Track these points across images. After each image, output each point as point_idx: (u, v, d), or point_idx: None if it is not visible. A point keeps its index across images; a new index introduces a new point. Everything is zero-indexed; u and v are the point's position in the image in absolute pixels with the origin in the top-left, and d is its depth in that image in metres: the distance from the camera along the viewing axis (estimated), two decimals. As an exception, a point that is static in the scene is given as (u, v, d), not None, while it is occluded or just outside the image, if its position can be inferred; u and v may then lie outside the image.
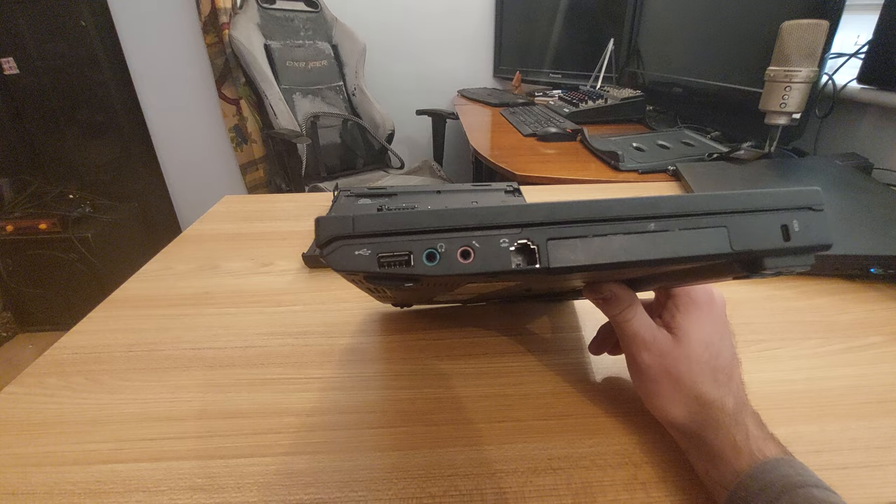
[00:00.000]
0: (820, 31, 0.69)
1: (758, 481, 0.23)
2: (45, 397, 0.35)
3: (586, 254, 0.18)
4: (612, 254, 0.18)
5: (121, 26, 1.87)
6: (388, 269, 0.17)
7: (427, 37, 2.04)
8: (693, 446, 0.27)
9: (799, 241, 0.19)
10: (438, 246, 0.17)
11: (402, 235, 0.17)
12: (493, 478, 0.28)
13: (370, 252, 0.17)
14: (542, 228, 0.18)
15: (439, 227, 0.17)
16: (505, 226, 0.18)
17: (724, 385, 0.27)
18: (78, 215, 1.65)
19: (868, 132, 0.85)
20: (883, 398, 0.33)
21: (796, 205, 0.20)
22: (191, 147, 2.09)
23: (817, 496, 0.22)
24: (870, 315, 0.42)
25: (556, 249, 0.18)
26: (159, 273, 0.53)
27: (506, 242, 0.17)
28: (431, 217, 0.17)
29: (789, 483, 0.22)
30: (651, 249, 0.19)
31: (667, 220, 0.19)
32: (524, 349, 0.39)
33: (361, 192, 0.69)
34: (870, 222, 0.54)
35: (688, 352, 0.28)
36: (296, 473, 0.29)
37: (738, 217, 0.19)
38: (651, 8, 1.26)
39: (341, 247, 0.17)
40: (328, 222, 0.17)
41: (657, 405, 0.29)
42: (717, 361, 0.28)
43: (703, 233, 0.19)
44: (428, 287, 0.24)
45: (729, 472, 0.24)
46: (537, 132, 1.13)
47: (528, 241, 0.18)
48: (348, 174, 1.78)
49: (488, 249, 0.17)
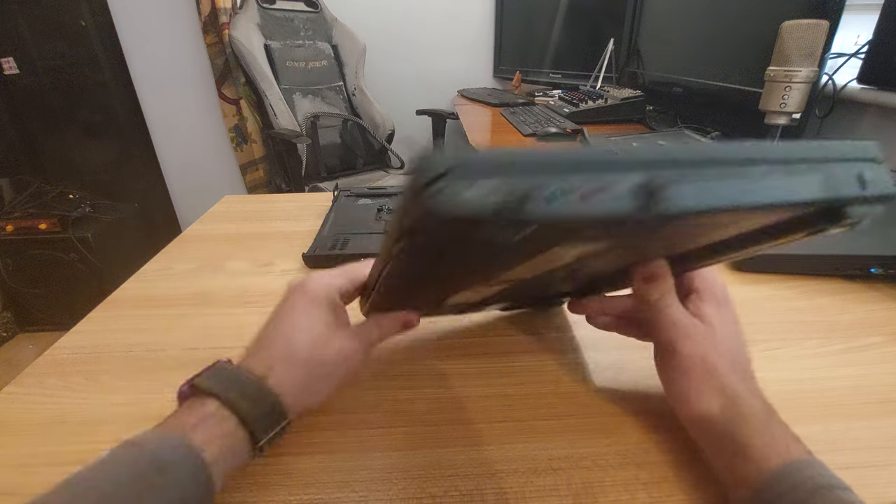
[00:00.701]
0: (820, 31, 0.69)
1: (787, 480, 0.23)
2: (45, 397, 0.35)
3: (704, 197, 0.17)
4: (729, 197, 0.18)
5: (121, 26, 1.87)
6: (502, 213, 0.14)
7: (427, 37, 2.04)
8: (718, 441, 0.26)
9: (871, 191, 0.20)
10: (559, 187, 0.15)
11: (521, 176, 0.15)
12: (493, 478, 0.28)
13: (486, 192, 0.14)
14: (662, 172, 0.17)
15: (558, 169, 0.15)
16: (624, 168, 0.16)
17: (748, 381, 0.27)
18: (78, 215, 1.65)
19: (868, 132, 0.85)
20: (884, 398, 0.33)
21: (865, 156, 0.21)
22: (191, 147, 2.09)
23: (846, 499, 0.22)
24: (870, 315, 0.42)
25: (677, 192, 0.17)
26: (159, 273, 0.53)
27: (626, 185, 0.16)
28: (553, 159, 0.15)
29: (818, 484, 0.22)
30: (762, 193, 0.18)
31: (773, 165, 0.19)
32: (524, 349, 0.39)
33: (361, 192, 0.69)
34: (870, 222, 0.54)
35: (719, 339, 0.28)
36: (296, 473, 0.29)
37: (829, 165, 0.20)
38: (651, 8, 1.26)
39: (452, 184, 0.13)
40: (439, 155, 0.14)
41: (689, 397, 0.28)
42: (739, 356, 0.28)
43: (804, 179, 0.19)
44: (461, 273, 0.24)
45: (756, 470, 0.24)
46: (537, 132, 1.13)
47: (650, 181, 0.16)
48: (348, 174, 1.78)
49: (610, 192, 0.15)
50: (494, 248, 0.18)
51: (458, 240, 0.16)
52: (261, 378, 0.26)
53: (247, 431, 0.25)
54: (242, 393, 0.25)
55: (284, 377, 0.27)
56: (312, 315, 0.29)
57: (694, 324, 0.28)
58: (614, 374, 0.36)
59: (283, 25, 1.71)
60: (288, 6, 1.73)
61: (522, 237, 0.16)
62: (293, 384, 0.27)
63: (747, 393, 0.26)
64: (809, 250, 0.49)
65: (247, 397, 0.25)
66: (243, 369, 0.26)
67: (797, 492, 0.22)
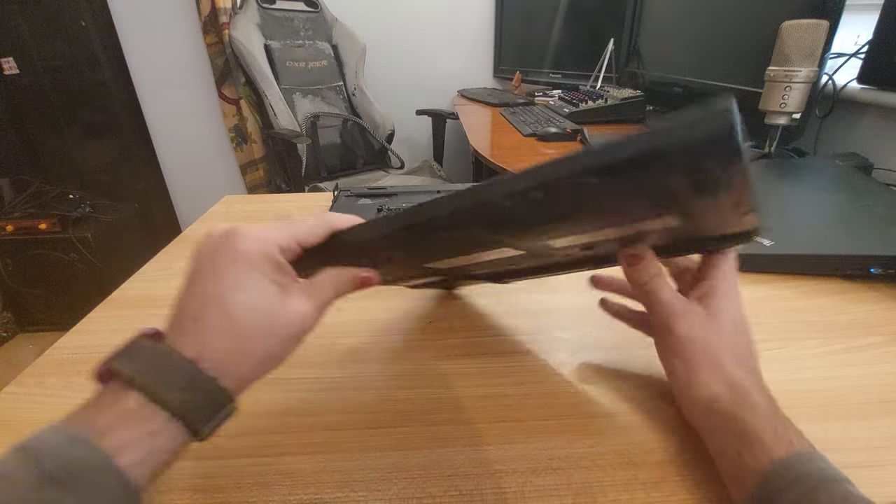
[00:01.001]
0: (820, 31, 0.69)
1: (794, 470, 0.23)
2: (45, 397, 0.35)
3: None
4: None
5: (121, 26, 1.87)
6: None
7: (427, 37, 2.04)
8: (726, 426, 0.26)
9: None
10: None
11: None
12: (493, 478, 0.28)
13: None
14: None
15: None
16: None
17: (753, 373, 0.27)
18: (78, 215, 1.65)
19: (868, 132, 0.85)
20: (883, 398, 0.33)
21: None
22: (191, 147, 2.09)
23: (852, 492, 0.22)
24: (870, 315, 0.42)
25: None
26: (159, 273, 0.53)
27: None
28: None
29: (825, 476, 0.22)
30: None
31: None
32: (524, 349, 0.39)
33: (361, 192, 0.69)
34: (870, 222, 0.54)
35: (722, 328, 0.28)
36: (296, 473, 0.29)
37: None
38: (651, 8, 1.26)
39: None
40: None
41: (693, 381, 0.28)
42: (744, 348, 0.28)
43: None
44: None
45: (765, 458, 0.24)
46: (537, 132, 1.13)
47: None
48: (348, 174, 1.78)
49: None
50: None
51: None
52: (193, 360, 0.22)
53: (182, 425, 0.21)
54: (170, 382, 0.21)
55: (224, 354, 0.22)
56: (253, 275, 0.23)
57: (689, 306, 0.29)
58: (614, 374, 0.36)
59: (283, 25, 1.71)
60: (288, 6, 1.73)
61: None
62: (236, 361, 0.23)
63: (754, 385, 0.27)
64: (809, 250, 0.49)
65: (177, 386, 0.21)
66: (170, 348, 0.22)
67: (803, 482, 0.22)
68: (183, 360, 0.21)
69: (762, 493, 0.23)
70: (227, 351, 0.22)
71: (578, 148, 0.19)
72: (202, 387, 0.21)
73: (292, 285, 0.25)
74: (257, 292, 0.23)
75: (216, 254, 0.24)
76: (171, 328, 0.23)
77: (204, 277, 0.23)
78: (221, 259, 0.23)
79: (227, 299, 0.23)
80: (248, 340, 0.23)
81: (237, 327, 0.23)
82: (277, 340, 0.24)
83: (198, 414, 0.21)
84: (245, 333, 0.23)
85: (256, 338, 0.23)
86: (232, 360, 0.22)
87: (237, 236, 0.24)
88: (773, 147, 0.78)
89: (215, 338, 0.22)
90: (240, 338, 0.23)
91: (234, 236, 0.24)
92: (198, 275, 0.24)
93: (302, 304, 0.25)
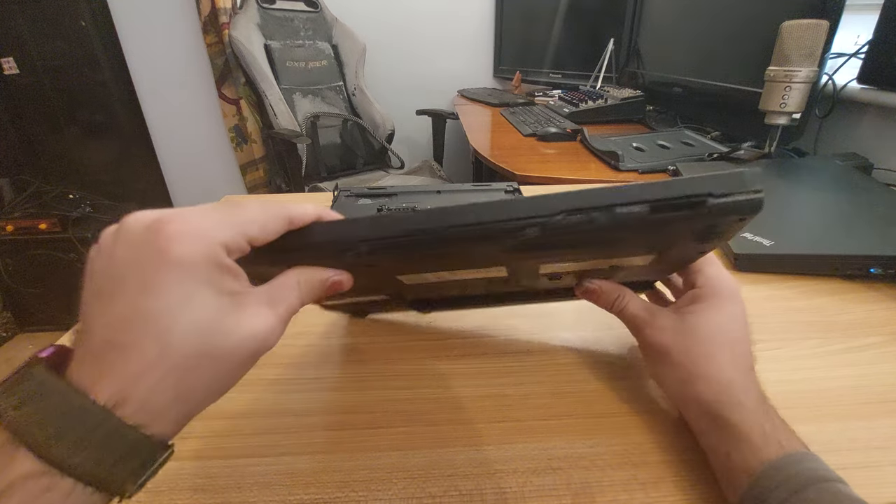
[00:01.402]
0: (820, 31, 0.69)
1: (784, 471, 0.23)
2: (46, 397, 0.35)
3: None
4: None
5: (121, 26, 1.87)
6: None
7: (427, 37, 2.04)
8: (716, 427, 0.26)
9: None
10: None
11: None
12: (492, 478, 0.28)
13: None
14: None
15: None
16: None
17: (744, 373, 0.27)
18: (78, 215, 1.65)
19: (868, 132, 0.85)
20: (882, 398, 0.33)
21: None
22: (191, 147, 2.09)
23: (843, 491, 0.22)
24: (869, 315, 0.42)
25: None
26: (159, 273, 0.53)
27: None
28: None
29: (815, 476, 0.23)
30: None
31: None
32: (524, 349, 0.39)
33: (361, 192, 0.69)
34: (870, 222, 0.54)
35: (696, 328, 0.28)
36: (296, 473, 0.29)
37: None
38: (651, 8, 1.26)
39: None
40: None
41: (677, 383, 0.29)
42: (734, 347, 0.28)
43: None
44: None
45: (755, 459, 0.24)
46: (537, 132, 1.13)
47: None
48: (348, 174, 1.78)
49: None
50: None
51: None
52: (112, 407, 0.16)
53: (94, 490, 0.16)
54: (78, 441, 0.16)
55: (156, 394, 0.17)
56: (196, 286, 0.18)
57: (653, 313, 0.30)
58: (613, 374, 0.36)
59: (283, 25, 1.71)
60: (288, 6, 1.73)
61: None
62: (172, 399, 0.17)
63: (741, 380, 0.27)
64: (809, 250, 0.49)
65: (85, 444, 0.16)
66: (78, 390, 0.16)
67: (792, 481, 0.22)
68: (95, 409, 0.16)
69: (753, 493, 0.23)
70: (160, 390, 0.17)
71: (621, 185, 0.21)
72: (123, 441, 0.16)
73: (246, 294, 0.20)
74: (203, 309, 0.18)
75: (141, 256, 0.17)
76: (81, 357, 0.17)
77: (127, 290, 0.17)
78: (150, 264, 0.17)
79: (162, 321, 0.17)
80: (191, 372, 0.18)
81: (177, 357, 0.17)
82: (229, 367, 0.19)
83: (117, 475, 0.16)
84: (187, 364, 0.17)
85: (202, 367, 0.18)
86: (166, 399, 0.17)
87: (168, 233, 0.17)
88: (773, 147, 0.78)
89: (146, 374, 0.17)
90: (179, 369, 0.17)
91: (163, 233, 0.17)
92: (117, 285, 0.17)
93: (261, 319, 0.20)
